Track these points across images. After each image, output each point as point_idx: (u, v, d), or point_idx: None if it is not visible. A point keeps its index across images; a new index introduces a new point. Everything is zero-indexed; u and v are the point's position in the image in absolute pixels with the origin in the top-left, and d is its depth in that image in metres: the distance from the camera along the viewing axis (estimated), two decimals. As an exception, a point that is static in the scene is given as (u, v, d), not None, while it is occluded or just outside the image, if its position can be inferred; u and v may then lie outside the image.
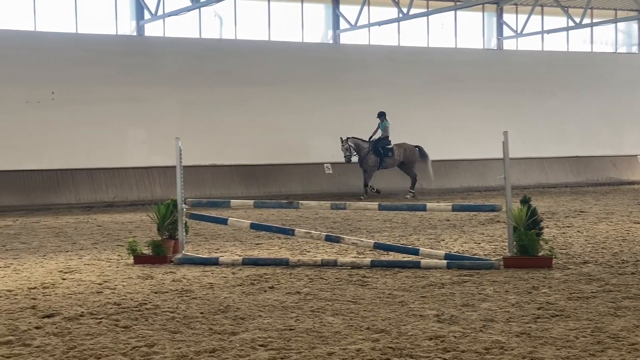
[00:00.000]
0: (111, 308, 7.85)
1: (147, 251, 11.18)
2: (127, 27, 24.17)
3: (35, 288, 9.05)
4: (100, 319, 7.36)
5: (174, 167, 11.35)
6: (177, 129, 22.69)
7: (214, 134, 24.33)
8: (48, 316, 7.50)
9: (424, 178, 24.87)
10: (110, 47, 23.54)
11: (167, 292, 8.75)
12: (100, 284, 9.29)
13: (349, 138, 23.84)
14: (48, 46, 22.78)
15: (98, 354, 6.11)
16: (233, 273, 10.02)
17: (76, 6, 23.16)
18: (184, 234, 11.37)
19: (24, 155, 22.16)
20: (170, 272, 10.18)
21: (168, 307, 7.84)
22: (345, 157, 23.90)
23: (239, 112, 24.83)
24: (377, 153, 24.02)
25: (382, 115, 24.11)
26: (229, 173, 24.76)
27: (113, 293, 8.70)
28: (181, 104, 24.22)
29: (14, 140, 22.14)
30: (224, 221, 11.96)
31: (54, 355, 6.11)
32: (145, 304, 8.04)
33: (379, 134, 24.06)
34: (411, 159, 24.63)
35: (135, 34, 24.16)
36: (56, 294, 8.70)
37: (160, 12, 23.32)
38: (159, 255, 11.04)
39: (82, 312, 7.66)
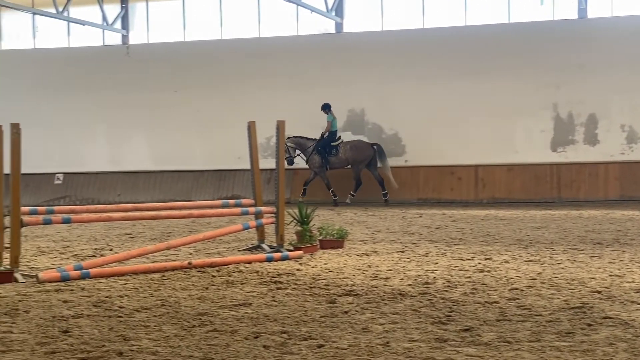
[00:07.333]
0: None
1: None
2: None
3: None
4: None
5: None
6: None
7: None
8: None
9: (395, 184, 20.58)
10: None
11: None
12: None
13: (290, 137, 20.44)
14: None
15: None
16: None
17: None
18: None
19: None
20: None
21: None
22: (285, 159, 20.45)
23: None
24: (319, 152, 20.60)
25: (326, 108, 20.59)
26: None
27: None
28: None
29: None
30: None
31: None
32: None
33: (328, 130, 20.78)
34: (357, 159, 20.51)
35: None
36: None
37: None
38: None
39: None
